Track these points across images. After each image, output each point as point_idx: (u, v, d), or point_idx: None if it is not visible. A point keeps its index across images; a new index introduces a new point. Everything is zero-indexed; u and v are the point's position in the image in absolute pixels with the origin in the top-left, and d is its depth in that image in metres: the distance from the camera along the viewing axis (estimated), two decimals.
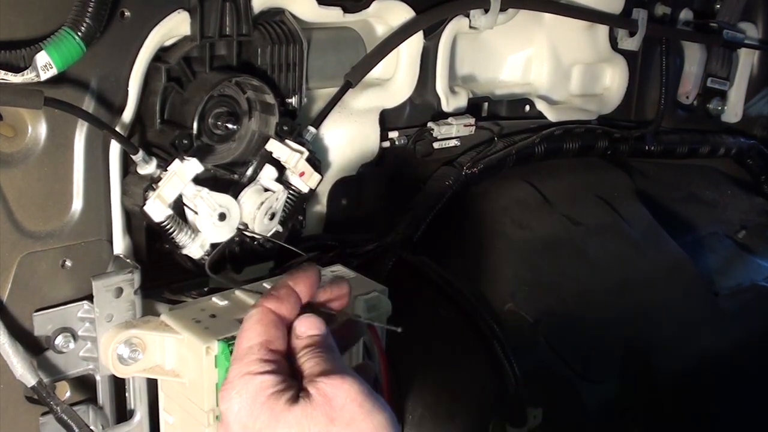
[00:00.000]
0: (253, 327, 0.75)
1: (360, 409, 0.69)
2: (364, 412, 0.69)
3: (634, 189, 1.67)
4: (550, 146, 1.51)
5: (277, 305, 0.77)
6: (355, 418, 0.69)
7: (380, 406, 0.71)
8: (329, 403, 0.69)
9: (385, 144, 1.31)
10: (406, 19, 1.23)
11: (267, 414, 0.70)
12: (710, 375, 1.45)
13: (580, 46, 1.57)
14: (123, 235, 0.98)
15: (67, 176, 0.92)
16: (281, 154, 1.06)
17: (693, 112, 1.89)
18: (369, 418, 0.69)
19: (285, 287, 0.79)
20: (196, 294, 1.02)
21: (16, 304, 0.91)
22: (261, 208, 1.03)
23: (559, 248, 1.44)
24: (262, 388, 0.71)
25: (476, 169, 1.39)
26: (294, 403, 0.70)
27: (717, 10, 1.83)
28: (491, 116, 1.50)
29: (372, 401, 0.70)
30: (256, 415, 0.70)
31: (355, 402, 0.69)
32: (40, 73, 0.83)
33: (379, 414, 0.70)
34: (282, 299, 0.77)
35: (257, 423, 0.70)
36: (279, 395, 0.70)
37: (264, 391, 0.71)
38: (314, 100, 1.20)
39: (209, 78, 1.02)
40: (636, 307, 1.42)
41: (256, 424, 0.70)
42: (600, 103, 1.65)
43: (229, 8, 1.00)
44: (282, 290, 0.78)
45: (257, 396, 0.70)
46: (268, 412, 0.70)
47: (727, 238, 1.79)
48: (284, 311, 0.77)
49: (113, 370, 0.90)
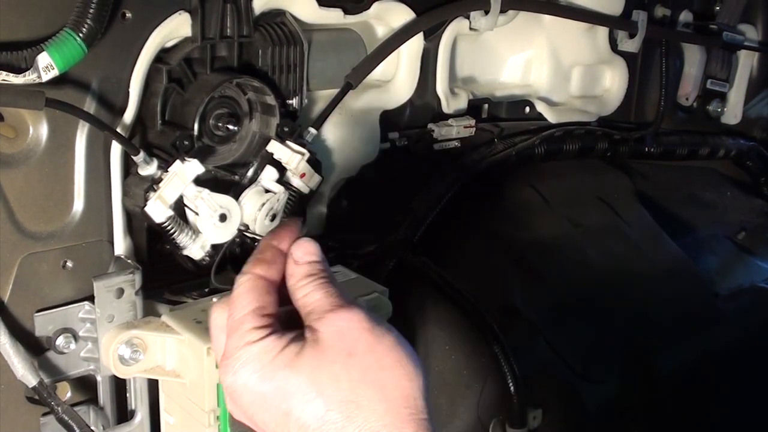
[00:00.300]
0: (243, 295, 0.74)
1: (372, 336, 0.70)
2: (375, 338, 0.70)
3: (634, 190, 1.67)
4: (550, 148, 1.51)
5: (266, 269, 0.75)
6: (370, 345, 0.70)
7: (386, 328, 0.71)
8: (343, 339, 0.69)
9: (386, 145, 1.31)
10: (406, 21, 1.23)
11: (283, 371, 0.69)
12: (710, 376, 1.45)
13: (580, 48, 1.57)
14: (124, 236, 0.98)
15: (68, 177, 0.93)
16: (282, 156, 1.06)
17: (693, 113, 1.89)
18: (382, 342, 0.70)
19: (270, 249, 0.77)
20: (196, 295, 1.02)
21: (17, 305, 0.91)
22: (262, 210, 1.04)
23: (559, 249, 1.44)
24: (267, 351, 0.70)
25: (476, 170, 1.39)
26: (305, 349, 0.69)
27: (717, 11, 1.83)
28: (491, 118, 1.50)
29: (379, 325, 0.71)
30: (270, 377, 0.69)
31: (366, 331, 0.70)
32: (42, 74, 0.83)
33: (387, 335, 0.71)
34: (269, 262, 0.76)
35: (273, 384, 0.69)
36: (287, 350, 0.70)
37: (270, 353, 0.70)
38: (315, 101, 1.20)
39: (210, 79, 1.02)
40: (636, 308, 1.43)
41: (273, 385, 0.69)
42: (600, 104, 1.65)
43: (230, 9, 1.00)
44: (268, 253, 0.76)
45: (264, 359, 0.69)
46: (283, 368, 0.69)
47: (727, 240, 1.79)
48: (273, 274, 0.75)
49: (114, 371, 0.90)
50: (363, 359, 0.69)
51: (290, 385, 0.68)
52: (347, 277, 0.99)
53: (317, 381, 0.68)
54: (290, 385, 0.69)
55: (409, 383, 0.70)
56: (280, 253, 0.77)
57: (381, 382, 0.69)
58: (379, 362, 0.69)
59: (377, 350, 0.70)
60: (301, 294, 0.74)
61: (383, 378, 0.69)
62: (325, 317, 0.71)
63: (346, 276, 0.99)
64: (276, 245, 0.77)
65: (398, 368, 0.70)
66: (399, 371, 0.70)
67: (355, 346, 0.69)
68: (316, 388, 0.68)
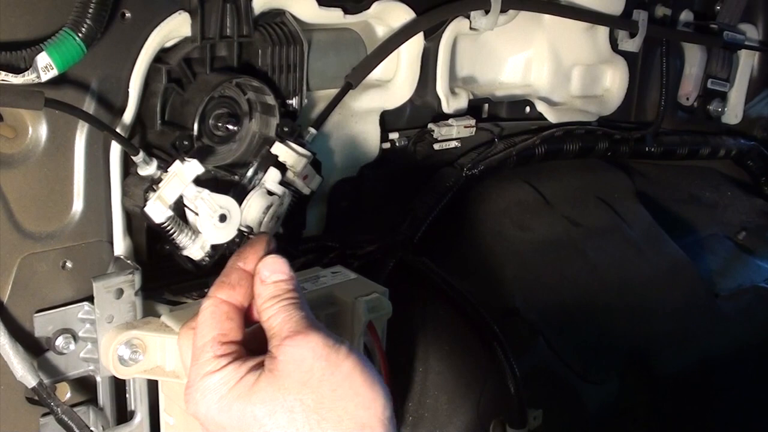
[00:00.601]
0: (206, 322, 0.73)
1: (327, 364, 0.68)
2: (330, 366, 0.68)
3: (635, 190, 1.67)
4: (550, 147, 1.51)
5: (229, 293, 0.74)
6: (324, 374, 0.68)
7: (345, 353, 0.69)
8: (299, 367, 0.68)
9: (386, 145, 1.31)
10: (406, 21, 1.23)
11: (239, 403, 0.68)
12: (710, 376, 1.45)
13: (581, 48, 1.57)
14: (123, 236, 0.98)
15: (67, 177, 0.93)
16: (287, 158, 1.06)
17: (693, 113, 1.89)
18: (338, 370, 0.69)
19: (236, 271, 0.75)
20: (196, 295, 1.02)
21: (17, 305, 0.91)
22: (268, 213, 1.03)
23: (559, 249, 1.44)
24: (224, 382, 0.69)
25: (477, 170, 1.39)
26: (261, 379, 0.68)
27: (717, 11, 1.83)
28: (492, 117, 1.50)
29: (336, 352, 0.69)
30: (227, 409, 0.68)
31: (321, 358, 0.68)
32: (41, 74, 0.83)
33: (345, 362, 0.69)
34: (234, 285, 0.74)
35: (231, 415, 0.68)
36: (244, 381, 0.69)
37: (227, 384, 0.69)
38: (315, 101, 1.20)
39: (210, 79, 1.02)
40: (636, 308, 1.42)
41: (231, 416, 0.68)
42: (600, 104, 1.65)
43: (230, 9, 1.00)
44: (233, 275, 0.75)
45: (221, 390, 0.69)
46: (238, 400, 0.68)
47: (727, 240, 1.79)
48: (238, 298, 0.74)
49: (114, 371, 0.90)
50: (317, 389, 0.68)
51: (246, 417, 0.68)
52: (347, 277, 0.99)
53: (272, 413, 0.67)
54: (246, 416, 0.68)
55: (365, 412, 0.68)
56: (245, 274, 0.75)
57: (335, 413, 0.68)
58: (333, 392, 0.68)
59: (332, 380, 0.68)
60: (266, 316, 0.72)
61: (338, 408, 0.68)
62: (282, 344, 0.69)
63: (346, 276, 0.99)
64: (241, 266, 0.75)
65: (354, 397, 0.68)
66: (355, 400, 0.68)
67: (310, 375, 0.68)
68: (271, 420, 0.67)
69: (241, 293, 0.74)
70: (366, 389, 0.69)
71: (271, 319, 0.72)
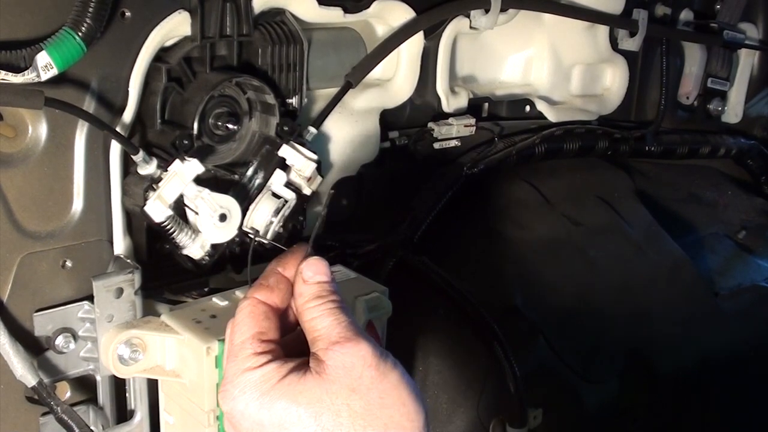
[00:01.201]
0: (244, 320, 0.73)
1: (377, 372, 0.69)
2: (380, 375, 0.70)
3: (635, 189, 1.67)
4: (550, 147, 1.51)
5: (268, 295, 0.75)
6: (374, 382, 0.69)
7: (392, 364, 0.71)
8: (348, 373, 0.69)
9: (386, 144, 1.31)
10: (406, 20, 1.23)
11: (283, 401, 0.68)
12: (710, 375, 1.45)
13: (581, 47, 1.57)
14: (123, 236, 0.98)
15: (67, 176, 0.92)
16: (295, 161, 1.06)
17: (693, 112, 1.89)
18: (387, 379, 0.70)
19: (275, 274, 0.77)
20: (196, 294, 1.02)
21: (17, 305, 0.91)
22: (278, 216, 1.03)
23: (559, 248, 1.44)
24: (266, 380, 0.70)
25: (477, 169, 1.39)
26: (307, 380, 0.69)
27: (717, 10, 1.83)
28: (492, 117, 1.50)
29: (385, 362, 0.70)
30: (269, 406, 0.69)
31: (371, 367, 0.69)
32: (41, 74, 0.83)
33: (392, 372, 0.70)
34: (273, 288, 0.76)
35: (273, 413, 0.69)
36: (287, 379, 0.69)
37: (269, 381, 0.69)
38: (315, 100, 1.20)
39: (210, 78, 1.02)
40: (636, 308, 1.42)
41: (272, 414, 0.69)
42: (600, 103, 1.65)
43: (230, 8, 1.00)
44: (272, 278, 0.76)
45: (263, 387, 0.69)
46: (283, 399, 0.69)
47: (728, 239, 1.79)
48: (276, 300, 0.75)
49: (114, 371, 0.90)
50: (366, 396, 0.69)
51: (290, 416, 0.68)
52: (347, 276, 0.99)
53: (317, 414, 0.68)
54: (290, 415, 0.68)
55: (410, 423, 0.70)
56: (284, 279, 0.76)
57: (382, 420, 0.69)
58: (381, 400, 0.69)
59: (380, 388, 0.69)
60: (309, 316, 0.73)
61: (384, 416, 0.69)
62: (330, 349, 0.70)
63: (346, 276, 0.99)
64: (281, 271, 0.77)
65: (400, 407, 0.70)
66: (401, 410, 0.69)
67: (359, 382, 0.69)
68: (316, 421, 0.68)
69: (279, 296, 0.75)
70: (411, 401, 0.71)
71: (316, 321, 0.72)
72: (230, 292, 0.92)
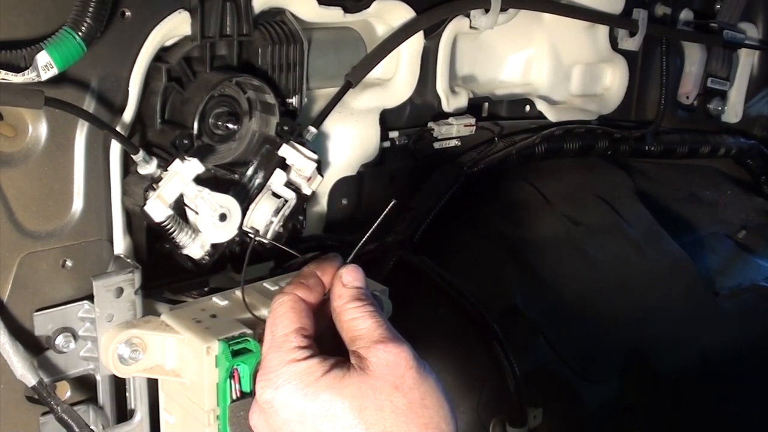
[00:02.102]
0: (286, 314, 0.75)
1: (417, 374, 0.72)
2: (420, 378, 0.72)
3: (635, 189, 1.67)
4: (550, 146, 1.51)
5: (307, 294, 0.78)
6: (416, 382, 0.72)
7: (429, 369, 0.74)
8: (392, 371, 0.71)
9: (386, 144, 1.31)
10: (406, 19, 1.23)
11: (328, 393, 0.70)
12: (710, 375, 1.45)
13: (581, 46, 1.57)
14: (123, 235, 0.98)
15: (67, 176, 0.93)
16: (295, 161, 1.06)
17: (693, 112, 1.89)
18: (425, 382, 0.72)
19: (314, 276, 0.80)
20: (196, 294, 1.02)
21: (17, 304, 0.91)
22: (278, 216, 1.04)
23: (559, 248, 1.44)
24: (311, 372, 0.71)
25: (476, 169, 1.39)
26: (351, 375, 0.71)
27: (717, 10, 1.83)
28: (491, 116, 1.50)
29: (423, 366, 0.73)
30: (313, 397, 0.70)
31: (413, 368, 0.72)
32: (41, 73, 0.83)
33: (430, 376, 0.73)
34: (311, 288, 0.78)
35: (317, 403, 0.70)
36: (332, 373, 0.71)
37: (314, 373, 0.71)
38: (315, 100, 1.20)
39: (210, 78, 1.02)
40: (636, 307, 1.42)
41: (315, 405, 0.70)
42: (600, 103, 1.65)
43: (230, 8, 1.00)
44: (311, 279, 0.79)
45: (308, 379, 0.71)
46: (328, 390, 0.70)
47: (728, 238, 1.79)
48: (312, 300, 0.78)
49: (114, 370, 0.90)
50: (408, 394, 0.71)
51: (334, 408, 0.70)
52: None
53: (361, 407, 0.70)
54: (334, 407, 0.70)
55: (446, 426, 0.72)
56: (320, 282, 0.79)
57: (422, 420, 0.71)
58: (422, 401, 0.71)
59: (422, 389, 0.72)
60: (348, 316, 0.76)
61: (425, 416, 0.71)
62: (374, 347, 0.72)
63: None
64: (319, 275, 0.80)
65: (439, 409, 0.72)
66: (440, 412, 0.72)
67: (402, 380, 0.71)
68: (359, 415, 0.70)
69: (315, 297, 0.78)
70: (447, 405, 0.73)
71: (357, 321, 0.75)
72: (230, 292, 0.92)
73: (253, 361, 0.82)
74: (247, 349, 0.82)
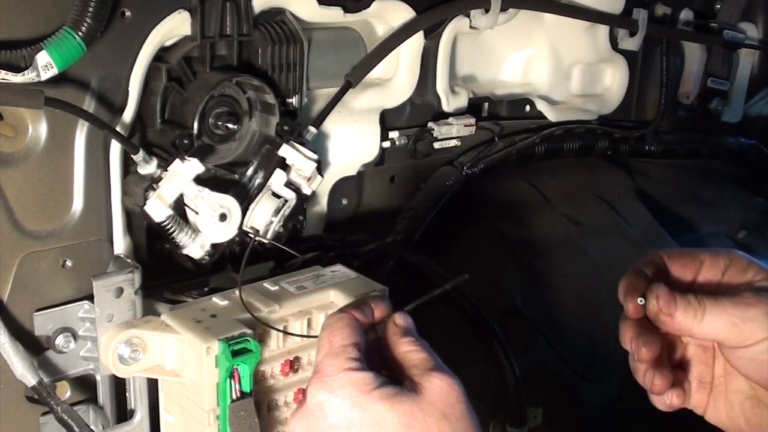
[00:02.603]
0: (346, 328, 0.78)
1: (465, 408, 0.74)
2: (468, 413, 0.74)
3: (635, 189, 1.67)
4: (550, 146, 1.51)
5: (362, 318, 0.81)
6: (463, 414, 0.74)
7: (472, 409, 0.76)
8: (443, 400, 0.73)
9: (386, 144, 1.31)
10: (406, 19, 1.23)
11: (380, 405, 0.72)
12: None
13: (581, 46, 1.57)
14: (123, 235, 0.98)
15: (67, 176, 0.93)
16: (295, 161, 1.06)
17: (693, 112, 1.89)
18: (470, 418, 0.74)
19: (368, 306, 0.83)
20: (196, 294, 1.02)
21: (17, 304, 0.91)
22: (278, 216, 1.04)
23: (559, 248, 1.44)
24: (366, 383, 0.73)
25: (477, 169, 1.39)
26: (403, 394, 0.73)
27: (717, 10, 1.83)
28: (491, 116, 1.50)
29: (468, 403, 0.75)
30: (365, 407, 0.72)
31: (462, 402, 0.74)
32: (41, 73, 0.83)
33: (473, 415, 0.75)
34: (365, 315, 0.81)
35: (367, 414, 0.71)
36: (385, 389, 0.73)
37: (369, 385, 0.73)
38: (315, 100, 1.20)
39: (210, 78, 1.02)
40: None
41: (366, 415, 0.71)
42: (600, 103, 1.65)
43: (230, 8, 1.00)
44: (366, 308, 0.82)
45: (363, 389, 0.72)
46: (381, 402, 0.72)
47: (728, 238, 1.78)
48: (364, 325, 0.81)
49: (114, 370, 0.90)
50: (455, 425, 0.73)
51: (383, 420, 0.72)
52: (347, 276, 0.98)
53: (409, 425, 0.71)
54: (383, 420, 0.72)
55: None
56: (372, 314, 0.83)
57: None
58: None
59: (465, 422, 0.74)
60: (404, 348, 0.78)
61: None
62: (429, 374, 0.75)
63: (346, 276, 0.98)
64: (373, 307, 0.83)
65: None
66: None
67: (452, 410, 0.73)
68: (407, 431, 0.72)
69: (366, 324, 0.81)
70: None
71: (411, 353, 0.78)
72: (230, 292, 0.92)
73: (253, 361, 0.82)
74: (247, 349, 0.82)
